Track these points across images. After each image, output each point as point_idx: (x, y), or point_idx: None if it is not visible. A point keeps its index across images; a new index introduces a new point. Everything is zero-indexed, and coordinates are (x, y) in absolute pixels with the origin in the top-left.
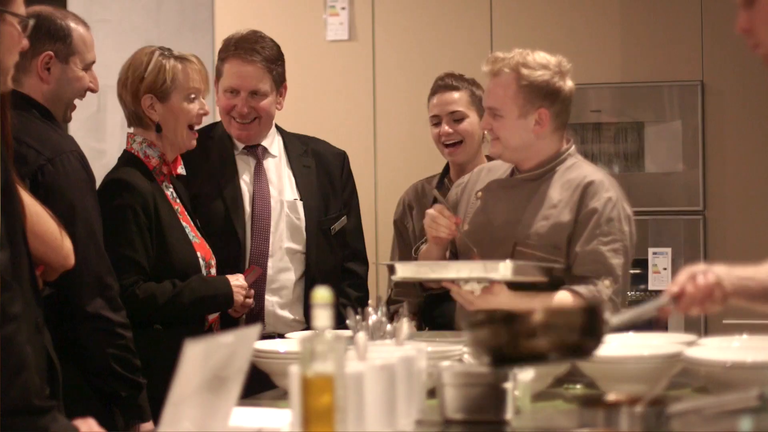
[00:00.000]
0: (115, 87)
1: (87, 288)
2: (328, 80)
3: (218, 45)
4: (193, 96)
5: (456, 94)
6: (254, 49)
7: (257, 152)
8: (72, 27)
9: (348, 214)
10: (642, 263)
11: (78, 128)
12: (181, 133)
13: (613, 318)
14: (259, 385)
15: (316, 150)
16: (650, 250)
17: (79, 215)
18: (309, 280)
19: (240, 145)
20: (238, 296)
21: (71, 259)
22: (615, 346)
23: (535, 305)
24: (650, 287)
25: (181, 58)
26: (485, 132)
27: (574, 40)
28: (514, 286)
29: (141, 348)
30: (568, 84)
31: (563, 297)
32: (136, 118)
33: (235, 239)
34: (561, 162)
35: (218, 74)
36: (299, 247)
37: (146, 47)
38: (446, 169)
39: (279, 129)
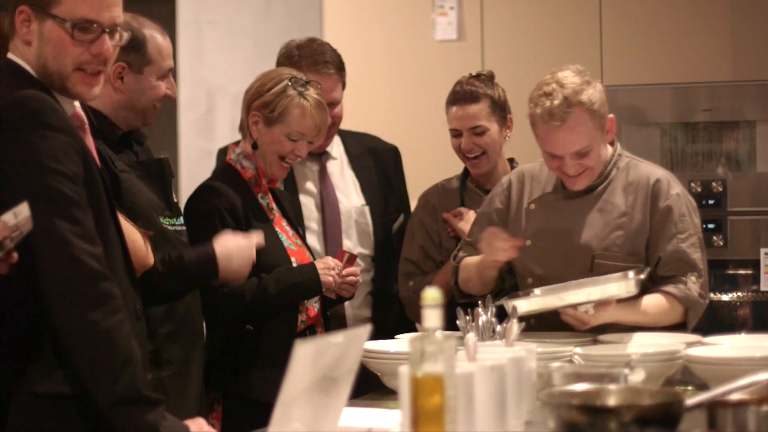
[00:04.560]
0: (224, 88)
1: None
2: (436, 80)
3: None
4: (295, 138)
5: (475, 107)
6: (327, 61)
7: (321, 158)
8: (147, 37)
9: (404, 212)
10: (754, 263)
11: (188, 129)
12: (270, 161)
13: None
14: (369, 385)
15: (371, 147)
16: (762, 250)
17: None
18: (377, 282)
19: None
20: (327, 278)
21: (150, 259)
22: (726, 347)
23: (641, 316)
24: (762, 288)
25: (309, 97)
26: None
27: (684, 38)
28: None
29: (235, 349)
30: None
31: (657, 300)
32: (242, 125)
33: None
34: (615, 164)
35: None
36: (368, 251)
37: (285, 71)
38: (466, 170)
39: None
